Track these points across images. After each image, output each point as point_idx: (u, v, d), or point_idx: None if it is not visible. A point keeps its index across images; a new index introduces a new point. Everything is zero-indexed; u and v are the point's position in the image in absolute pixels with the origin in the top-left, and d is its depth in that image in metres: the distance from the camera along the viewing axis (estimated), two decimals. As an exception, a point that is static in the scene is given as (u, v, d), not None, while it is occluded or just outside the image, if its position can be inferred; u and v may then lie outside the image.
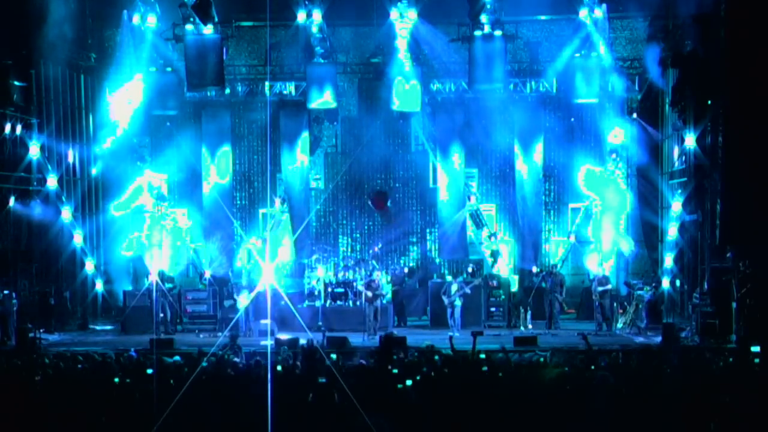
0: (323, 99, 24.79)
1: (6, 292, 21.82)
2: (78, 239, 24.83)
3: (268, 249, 25.48)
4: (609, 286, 23.39)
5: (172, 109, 25.34)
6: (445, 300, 23.00)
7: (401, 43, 24.34)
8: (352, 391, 10.76)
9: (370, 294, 22.51)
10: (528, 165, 26.19)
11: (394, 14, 24.04)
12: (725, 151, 19.85)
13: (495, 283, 24.51)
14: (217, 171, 26.43)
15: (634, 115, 25.75)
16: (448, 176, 26.09)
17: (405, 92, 24.55)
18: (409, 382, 12.15)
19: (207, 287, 24.36)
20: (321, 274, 24.83)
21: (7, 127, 22.68)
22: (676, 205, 23.43)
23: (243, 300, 22.58)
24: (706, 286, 21.48)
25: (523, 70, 26.01)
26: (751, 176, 18.84)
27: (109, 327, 24.49)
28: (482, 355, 14.08)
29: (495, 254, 25.73)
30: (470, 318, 23.07)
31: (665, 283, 23.56)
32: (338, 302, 23.93)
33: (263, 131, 26.97)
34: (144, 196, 26.21)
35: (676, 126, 23.81)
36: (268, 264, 23.47)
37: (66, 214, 24.42)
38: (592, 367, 13.14)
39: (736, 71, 19.21)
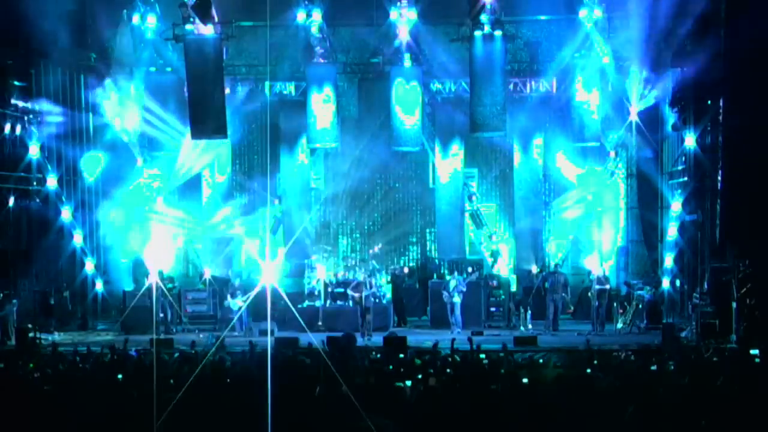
0: (323, 144, 25.01)
1: (6, 292, 21.82)
2: (78, 239, 24.82)
3: (268, 249, 25.47)
4: (607, 286, 23.36)
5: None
6: (445, 296, 22.96)
7: (401, 43, 24.35)
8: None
9: (357, 296, 22.57)
10: (527, 165, 26.17)
11: (394, 14, 24.04)
12: (725, 151, 19.87)
13: (495, 283, 24.49)
14: (218, 170, 26.41)
15: (634, 115, 25.72)
16: (448, 176, 26.09)
17: (405, 93, 24.59)
18: (408, 383, 12.11)
19: (207, 287, 24.37)
20: (321, 275, 24.82)
21: (7, 127, 22.69)
22: (676, 205, 23.43)
23: (237, 301, 22.61)
24: (706, 286, 21.48)
25: (523, 70, 26.01)
26: (751, 176, 18.86)
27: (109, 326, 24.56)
28: (482, 356, 14.09)
29: (495, 254, 25.74)
30: (470, 318, 23.08)
31: (665, 283, 23.53)
32: (338, 302, 23.88)
33: (263, 131, 26.97)
34: (143, 196, 26.21)
35: (676, 126, 23.80)
36: (268, 264, 23.45)
37: (66, 214, 24.42)
38: (588, 371, 13.11)
39: (736, 71, 19.24)
